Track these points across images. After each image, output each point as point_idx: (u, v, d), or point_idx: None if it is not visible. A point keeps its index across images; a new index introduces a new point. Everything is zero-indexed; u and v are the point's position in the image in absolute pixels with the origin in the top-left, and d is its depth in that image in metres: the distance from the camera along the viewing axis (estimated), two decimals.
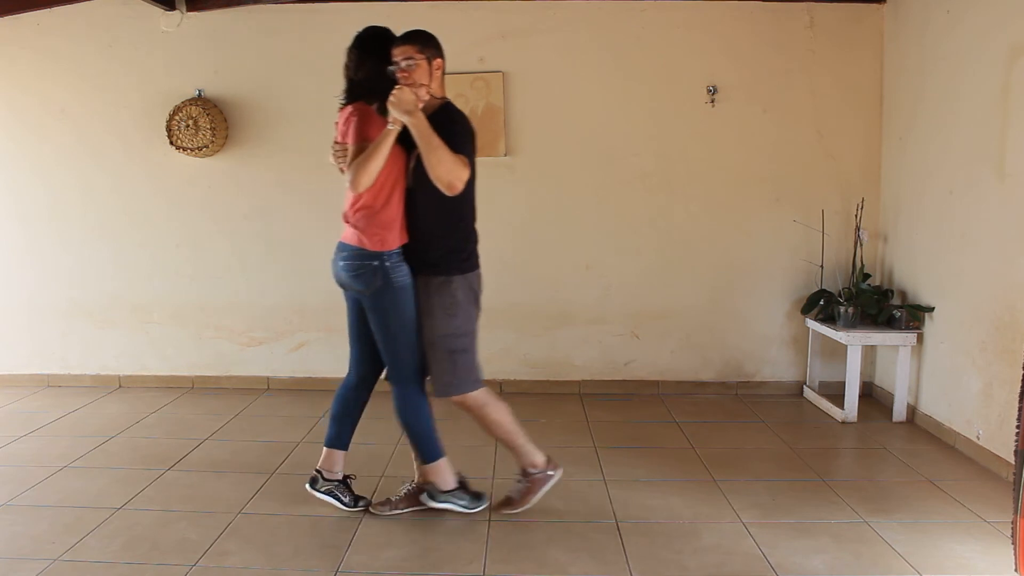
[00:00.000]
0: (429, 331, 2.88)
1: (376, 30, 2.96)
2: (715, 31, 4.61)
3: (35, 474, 3.51)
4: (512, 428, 3.03)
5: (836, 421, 4.28)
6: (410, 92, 2.66)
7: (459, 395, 2.93)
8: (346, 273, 2.89)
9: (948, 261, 3.94)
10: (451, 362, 2.89)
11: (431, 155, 2.68)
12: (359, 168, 2.73)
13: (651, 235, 4.77)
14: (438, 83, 2.83)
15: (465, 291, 2.89)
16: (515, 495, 3.06)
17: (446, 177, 2.69)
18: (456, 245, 2.89)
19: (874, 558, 2.74)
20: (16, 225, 4.98)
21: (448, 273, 2.86)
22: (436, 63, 2.81)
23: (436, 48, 2.82)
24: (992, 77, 3.53)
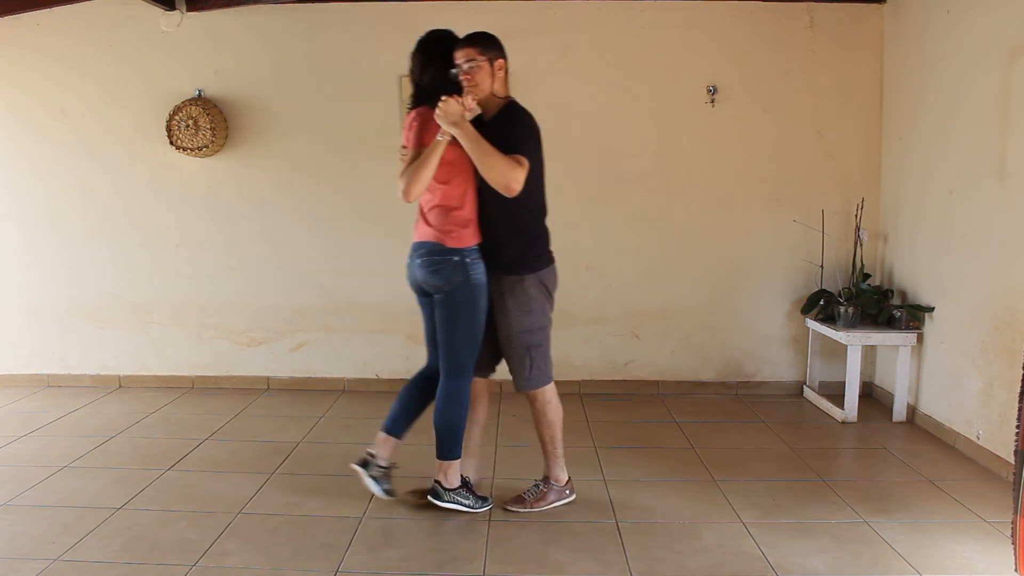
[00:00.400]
0: (506, 329, 2.96)
1: (439, 34, 2.97)
2: (715, 31, 4.61)
3: (35, 474, 3.51)
4: (559, 435, 3.12)
5: (836, 421, 4.28)
6: (456, 103, 2.71)
7: (537, 388, 3.02)
8: (426, 269, 2.90)
9: (948, 261, 3.94)
10: (529, 357, 2.98)
11: (482, 162, 2.74)
12: (410, 177, 2.78)
13: (651, 235, 4.77)
14: (501, 83, 2.88)
15: (538, 287, 2.96)
16: (528, 496, 3.12)
17: (501, 181, 2.73)
18: (528, 243, 2.96)
19: (874, 558, 2.74)
20: (16, 225, 4.98)
21: (520, 272, 2.92)
22: (498, 64, 2.85)
23: (498, 49, 2.88)
24: (992, 77, 3.53)
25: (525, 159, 2.76)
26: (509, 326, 2.95)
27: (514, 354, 2.99)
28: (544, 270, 2.99)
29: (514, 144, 2.76)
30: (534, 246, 2.98)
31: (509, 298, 2.93)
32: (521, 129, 2.84)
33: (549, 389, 3.07)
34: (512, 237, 2.93)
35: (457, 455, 3.04)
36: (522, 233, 2.95)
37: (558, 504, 3.13)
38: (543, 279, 2.99)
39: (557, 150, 4.74)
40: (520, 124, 2.85)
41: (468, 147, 2.74)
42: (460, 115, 2.72)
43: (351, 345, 4.92)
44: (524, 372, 3.00)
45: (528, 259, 2.95)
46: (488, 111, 2.91)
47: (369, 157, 4.72)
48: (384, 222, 4.79)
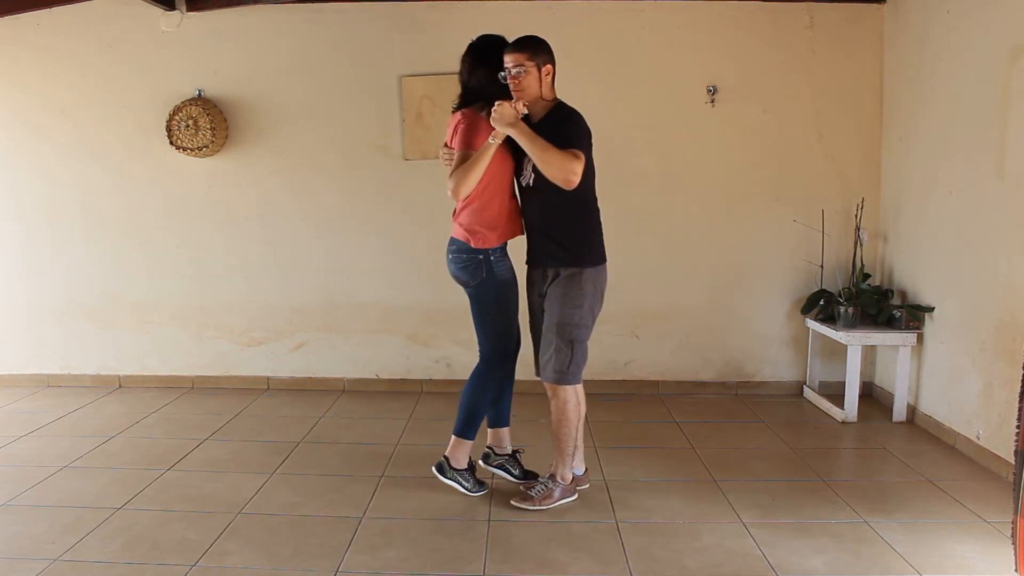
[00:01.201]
0: (550, 319, 3.03)
1: (489, 38, 3.09)
2: (715, 31, 4.61)
3: (35, 474, 3.51)
4: (576, 436, 3.16)
5: (836, 421, 4.28)
6: (510, 106, 2.83)
7: (568, 384, 3.06)
8: (455, 265, 3.10)
9: (948, 261, 3.94)
10: (571, 351, 3.03)
11: (540, 158, 2.83)
12: (460, 177, 2.90)
13: (651, 235, 4.76)
14: (548, 87, 2.99)
15: (593, 283, 3.05)
16: (535, 494, 3.14)
17: (560, 174, 2.82)
18: (584, 237, 3.05)
19: (874, 558, 2.74)
20: (16, 225, 4.98)
21: (580, 265, 3.01)
22: (546, 69, 2.96)
23: (547, 54, 2.97)
24: (992, 77, 3.53)
25: (581, 152, 2.86)
26: (557, 316, 3.01)
27: (556, 345, 3.02)
28: (601, 265, 3.10)
29: (569, 140, 2.86)
30: (592, 239, 3.08)
31: (563, 289, 3.01)
32: (574, 126, 2.94)
33: (578, 388, 3.12)
34: (571, 230, 3.03)
35: (471, 436, 3.19)
36: (580, 225, 3.05)
37: (564, 502, 3.16)
38: (598, 275, 3.08)
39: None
40: (573, 122, 2.96)
41: (526, 145, 2.85)
42: (515, 116, 2.84)
43: (351, 345, 4.92)
44: (563, 364, 3.03)
45: (586, 252, 3.05)
46: (536, 114, 2.99)
47: (369, 157, 4.72)
48: (384, 222, 4.79)
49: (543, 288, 3.10)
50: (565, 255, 3.02)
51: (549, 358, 3.05)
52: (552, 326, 3.03)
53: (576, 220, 3.04)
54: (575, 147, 2.85)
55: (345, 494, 3.29)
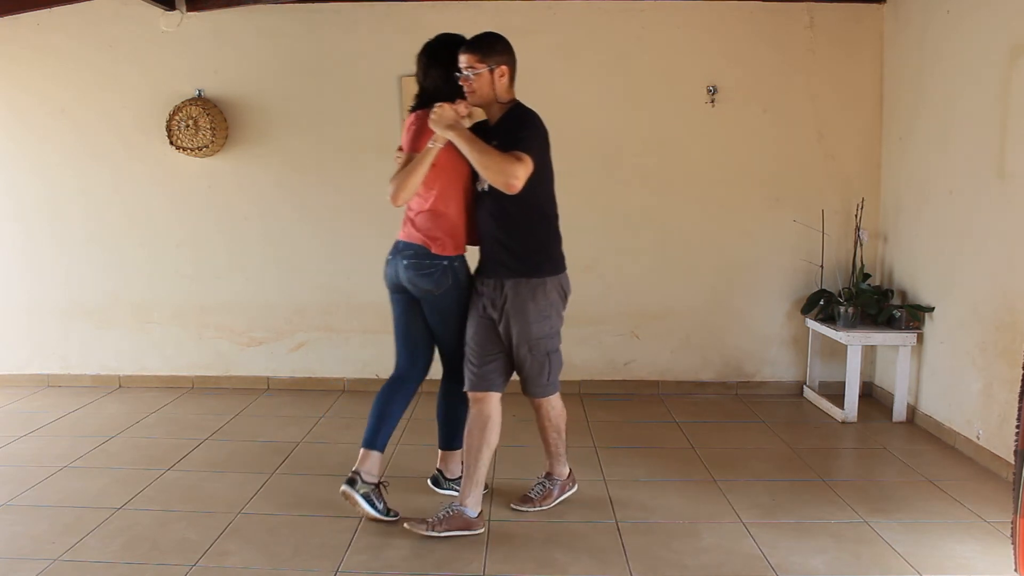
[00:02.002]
0: (524, 335, 2.88)
1: (444, 38, 2.97)
2: (715, 31, 4.61)
3: (35, 474, 3.51)
4: (562, 435, 3.14)
5: (836, 421, 4.28)
6: (450, 109, 2.72)
7: (552, 395, 3.02)
8: (414, 271, 2.91)
9: (948, 261, 3.94)
10: (548, 363, 2.96)
11: (479, 162, 2.72)
12: (399, 182, 2.80)
13: (651, 235, 4.77)
14: (504, 88, 2.84)
15: (558, 291, 2.94)
16: (535, 496, 3.14)
17: (500, 179, 2.69)
18: (541, 246, 2.92)
19: (874, 558, 2.74)
20: (16, 225, 4.98)
21: (539, 275, 2.88)
22: (500, 70, 2.81)
23: (501, 54, 2.82)
24: (992, 77, 3.53)
25: (525, 155, 2.71)
26: (529, 332, 2.88)
27: (533, 361, 2.93)
28: (562, 273, 2.98)
29: (516, 142, 2.73)
30: (549, 247, 2.95)
31: (530, 303, 2.87)
32: (526, 130, 2.81)
33: (558, 395, 3.08)
34: (527, 238, 2.90)
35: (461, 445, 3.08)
36: (536, 234, 2.92)
37: (564, 497, 3.17)
38: (562, 282, 2.96)
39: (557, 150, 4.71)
40: (525, 124, 2.83)
41: (464, 148, 2.72)
42: (454, 120, 2.72)
43: (351, 345, 4.92)
44: (543, 379, 2.97)
45: (545, 260, 2.93)
46: (492, 116, 2.91)
47: (369, 157, 4.72)
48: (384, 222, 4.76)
49: (496, 301, 2.89)
50: (519, 265, 2.87)
51: (530, 376, 2.96)
52: (524, 343, 2.89)
53: (531, 228, 2.89)
54: (521, 149, 2.71)
55: None
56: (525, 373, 2.97)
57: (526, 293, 2.86)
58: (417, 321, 3.05)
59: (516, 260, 2.88)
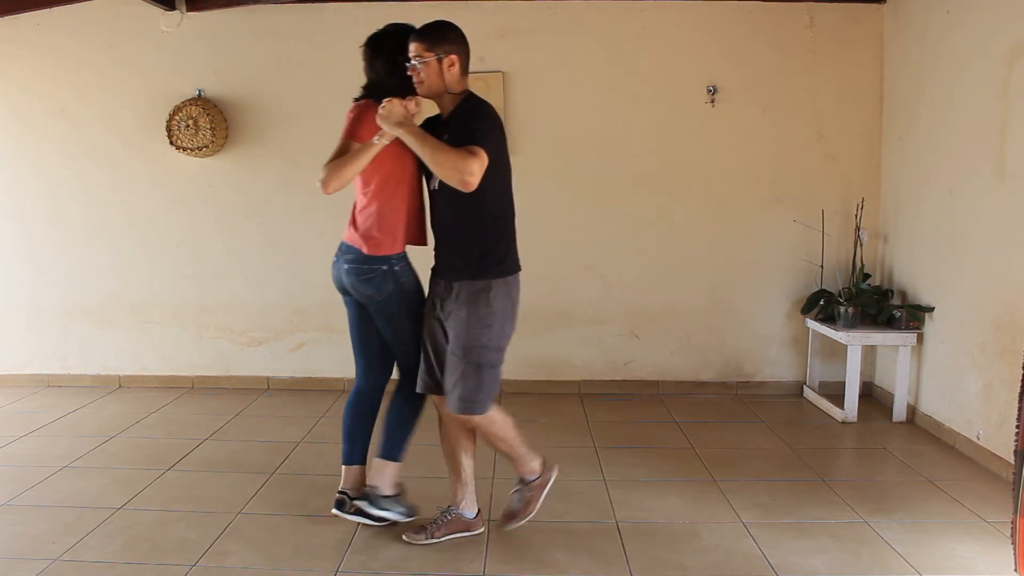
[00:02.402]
0: (458, 338, 2.66)
1: (389, 28, 2.88)
2: (715, 31, 4.61)
3: (35, 474, 3.50)
4: (515, 440, 2.85)
5: (836, 421, 4.28)
6: (399, 105, 2.58)
7: (476, 414, 2.70)
8: (355, 277, 2.78)
9: (948, 261, 3.94)
10: (478, 377, 2.65)
11: (431, 159, 2.55)
12: (333, 170, 2.65)
13: (651, 235, 4.77)
14: (455, 79, 2.66)
15: (503, 299, 2.67)
16: (517, 506, 2.86)
17: (454, 175, 2.50)
18: (490, 246, 2.68)
19: (874, 558, 2.74)
20: (16, 225, 4.98)
21: (485, 277, 2.65)
22: (448, 60, 2.63)
23: (451, 43, 2.65)
24: (992, 77, 3.53)
25: (480, 149, 2.51)
26: (463, 338, 2.65)
27: (461, 370, 2.65)
28: (511, 276, 2.71)
29: (471, 137, 2.54)
30: (498, 248, 2.70)
31: (470, 307, 2.64)
32: (480, 122, 2.61)
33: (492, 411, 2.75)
34: (475, 238, 2.68)
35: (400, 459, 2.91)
36: (485, 233, 2.68)
37: (547, 489, 2.90)
38: (510, 288, 2.71)
39: (557, 150, 4.78)
40: (479, 117, 2.63)
41: (415, 145, 2.56)
42: (403, 117, 2.58)
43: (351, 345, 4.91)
44: (470, 392, 2.65)
45: (493, 262, 2.68)
46: (444, 108, 2.72)
47: None
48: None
49: (446, 303, 2.72)
50: (468, 266, 2.67)
51: (455, 385, 2.66)
52: (458, 348, 2.65)
53: (482, 227, 2.67)
54: (476, 144, 2.51)
55: None
56: (452, 381, 2.67)
57: (469, 295, 2.66)
58: (369, 325, 2.91)
59: (463, 261, 2.69)
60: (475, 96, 2.73)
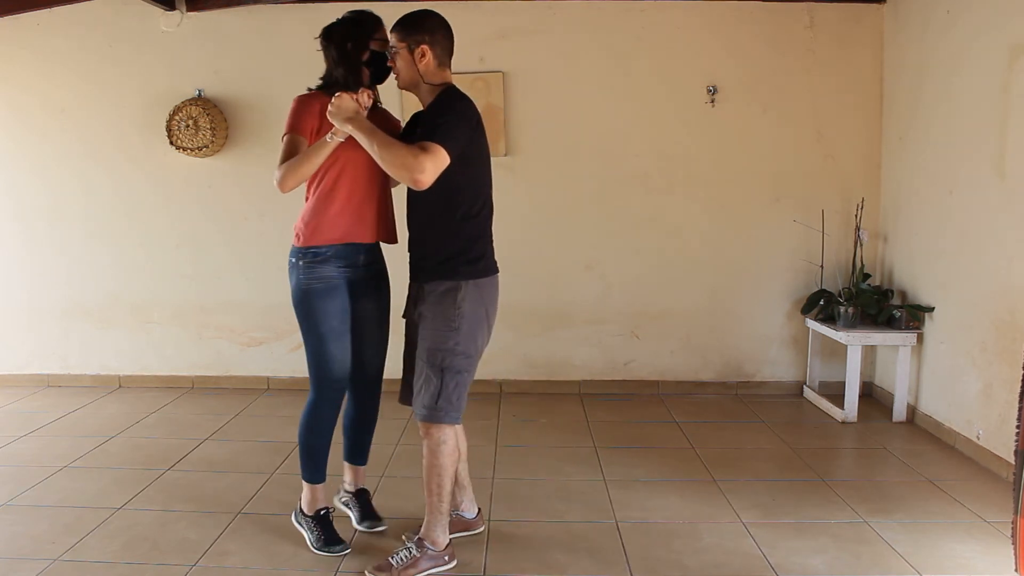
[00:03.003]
0: (423, 340, 2.55)
1: (344, 16, 2.81)
2: (715, 31, 4.61)
3: (35, 474, 3.51)
4: (449, 486, 2.61)
5: (836, 421, 4.28)
6: (350, 99, 2.48)
7: (440, 423, 2.53)
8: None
9: (948, 261, 3.94)
10: (442, 383, 2.51)
11: (380, 156, 2.41)
12: (288, 170, 2.57)
13: (651, 235, 4.77)
14: (430, 69, 2.53)
15: (473, 301, 2.53)
16: (397, 563, 2.59)
17: (403, 173, 2.37)
18: (463, 246, 2.54)
19: (874, 558, 2.74)
20: (16, 225, 4.98)
21: (454, 277, 2.52)
22: (419, 50, 2.51)
23: (422, 32, 2.52)
24: (992, 77, 3.53)
25: (435, 145, 2.36)
26: (429, 340, 2.53)
27: (423, 373, 2.54)
28: (484, 279, 2.56)
29: (432, 132, 2.40)
30: (471, 248, 2.55)
31: (436, 307, 2.53)
32: (446, 116, 2.45)
33: (449, 429, 2.56)
34: (446, 238, 2.55)
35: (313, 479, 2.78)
36: (458, 233, 2.54)
37: (435, 572, 2.60)
38: (482, 291, 2.56)
39: (557, 150, 4.78)
40: (447, 111, 2.48)
41: (363, 141, 2.45)
42: (353, 112, 2.47)
43: None
44: (432, 398, 2.52)
45: (464, 262, 2.53)
46: (423, 100, 2.59)
47: None
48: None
49: (418, 305, 2.60)
50: (434, 267, 2.55)
51: (419, 390, 2.56)
52: (423, 352, 2.54)
53: (454, 226, 2.52)
54: (436, 139, 2.37)
55: None
56: (418, 386, 2.57)
57: (436, 296, 2.54)
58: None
59: (433, 261, 2.56)
60: (453, 89, 2.57)
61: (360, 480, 3.00)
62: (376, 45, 2.69)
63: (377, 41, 2.69)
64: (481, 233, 2.60)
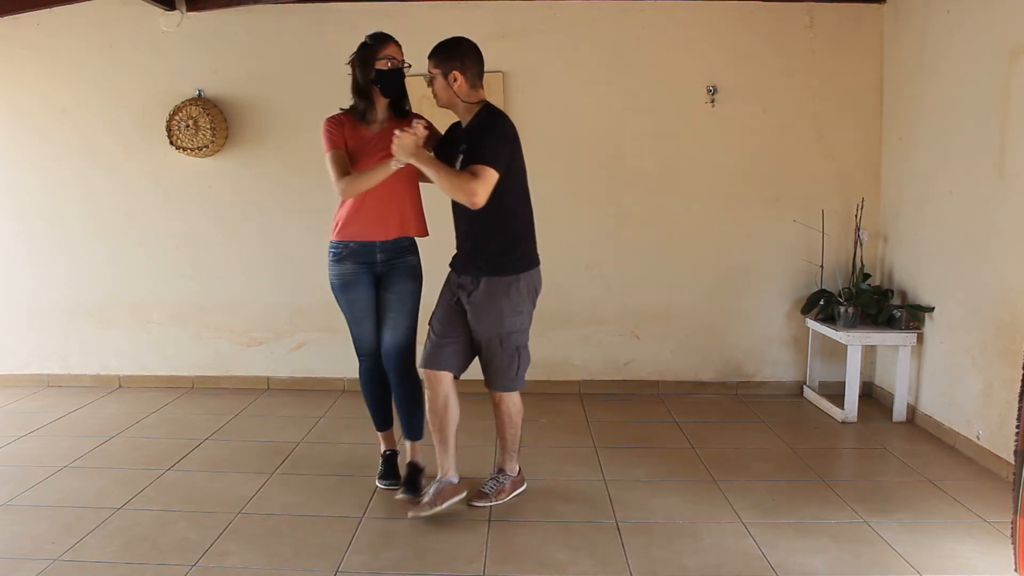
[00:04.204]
0: (495, 329, 3.00)
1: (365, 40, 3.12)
2: (715, 31, 4.61)
3: (35, 474, 3.51)
4: (519, 433, 3.22)
5: (836, 421, 4.28)
6: (409, 136, 2.82)
7: (516, 390, 3.11)
8: None
9: (948, 261, 3.94)
10: (518, 358, 3.05)
11: (441, 184, 2.86)
12: (351, 184, 2.96)
13: (651, 235, 4.77)
14: (464, 91, 2.94)
15: (528, 289, 3.03)
16: (490, 491, 3.17)
17: (464, 198, 2.82)
18: (512, 244, 3.01)
19: (874, 558, 2.74)
20: (16, 225, 4.98)
21: (513, 272, 2.99)
22: (452, 76, 2.91)
23: (453, 60, 2.92)
24: (992, 77, 3.53)
25: (486, 168, 2.80)
26: (501, 326, 2.99)
27: (503, 355, 3.03)
28: (533, 270, 3.06)
29: (480, 155, 2.83)
30: (520, 246, 3.04)
31: (503, 299, 2.98)
32: (491, 136, 2.89)
33: (518, 393, 3.15)
34: (501, 239, 3.00)
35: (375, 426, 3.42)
36: (508, 232, 3.00)
37: (515, 494, 3.22)
38: (532, 279, 3.05)
39: (557, 150, 4.78)
40: (492, 131, 2.91)
41: (428, 172, 2.89)
42: (414, 146, 2.84)
43: (351, 345, 4.90)
44: (511, 372, 3.06)
45: (517, 257, 3.02)
46: (462, 117, 3.03)
47: None
48: None
49: (472, 293, 3.02)
50: (491, 264, 2.99)
51: (496, 369, 3.05)
52: (495, 337, 3.01)
53: (503, 227, 2.99)
54: (485, 162, 2.81)
55: (345, 494, 3.29)
56: (495, 366, 3.05)
57: (500, 290, 2.97)
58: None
59: (488, 259, 2.99)
60: (490, 107, 3.00)
61: (415, 455, 3.31)
62: (382, 64, 3.01)
63: (382, 60, 3.02)
64: (527, 230, 3.07)
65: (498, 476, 3.23)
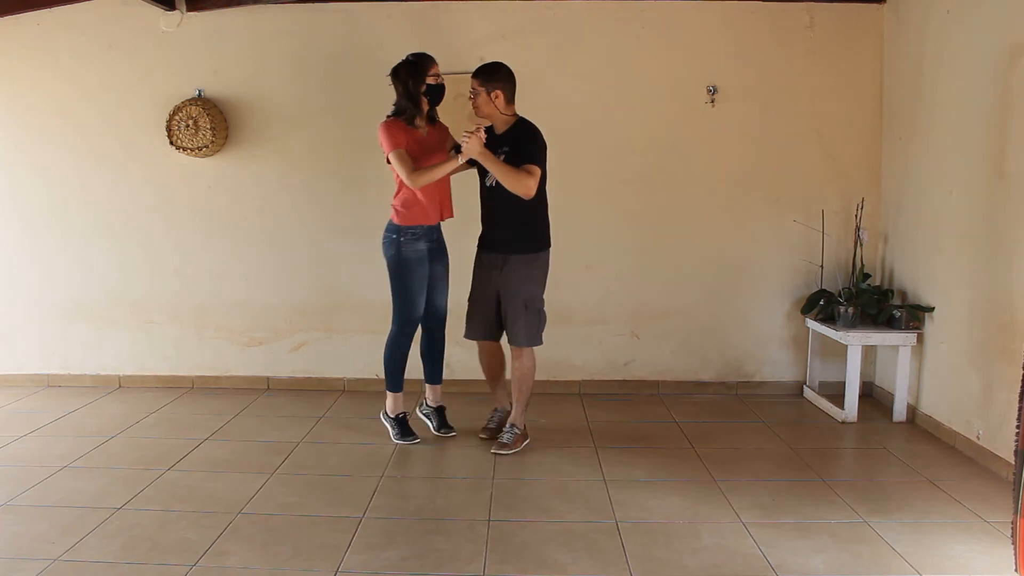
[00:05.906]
0: (528, 294, 3.72)
1: (406, 59, 3.68)
2: (715, 31, 4.61)
3: (35, 474, 3.51)
4: (529, 390, 3.83)
5: (836, 421, 4.28)
6: (477, 138, 3.50)
7: (536, 345, 3.77)
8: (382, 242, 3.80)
9: (948, 261, 3.94)
10: (539, 318, 3.77)
11: (503, 179, 3.55)
12: (423, 175, 3.57)
13: (651, 235, 4.77)
14: (503, 105, 3.65)
15: (546, 264, 3.79)
16: (508, 440, 3.75)
17: (521, 190, 3.54)
18: (539, 228, 3.76)
19: (874, 558, 2.74)
20: (16, 225, 4.98)
21: (537, 250, 3.74)
22: (494, 93, 3.61)
23: (496, 81, 3.62)
24: (992, 77, 3.53)
25: (536, 167, 3.56)
26: (530, 292, 3.72)
27: (529, 316, 3.72)
28: (549, 249, 3.80)
29: (529, 157, 3.58)
30: (544, 228, 3.79)
31: (536, 270, 3.74)
32: (533, 144, 3.64)
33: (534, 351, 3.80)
34: (527, 222, 3.71)
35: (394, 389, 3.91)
36: (535, 218, 3.74)
37: (526, 443, 3.81)
38: (548, 257, 3.80)
39: (557, 150, 4.73)
40: (532, 140, 3.64)
41: (492, 169, 3.56)
42: (480, 146, 3.50)
43: (351, 345, 4.92)
44: (535, 329, 3.75)
45: (541, 238, 3.77)
46: (499, 127, 3.70)
47: (369, 157, 4.70)
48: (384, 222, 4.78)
49: (504, 269, 3.71)
50: (524, 244, 3.71)
51: (521, 327, 3.72)
52: (520, 303, 3.71)
53: (535, 214, 3.72)
54: (533, 163, 3.56)
55: (345, 494, 3.29)
56: (520, 325, 3.72)
57: (531, 263, 3.72)
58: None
59: (523, 239, 3.72)
60: (526, 120, 3.70)
61: (438, 397, 4.04)
62: (431, 79, 3.65)
63: (432, 76, 3.65)
64: (546, 217, 3.80)
65: (511, 430, 3.78)
